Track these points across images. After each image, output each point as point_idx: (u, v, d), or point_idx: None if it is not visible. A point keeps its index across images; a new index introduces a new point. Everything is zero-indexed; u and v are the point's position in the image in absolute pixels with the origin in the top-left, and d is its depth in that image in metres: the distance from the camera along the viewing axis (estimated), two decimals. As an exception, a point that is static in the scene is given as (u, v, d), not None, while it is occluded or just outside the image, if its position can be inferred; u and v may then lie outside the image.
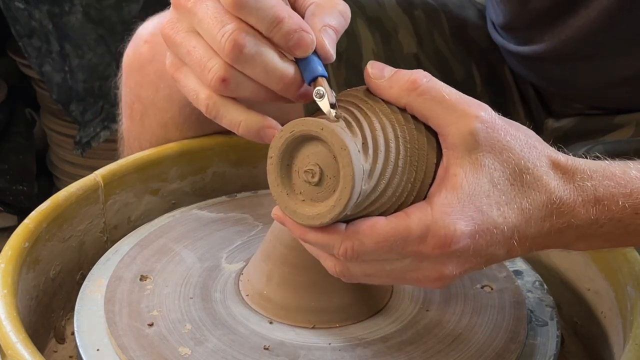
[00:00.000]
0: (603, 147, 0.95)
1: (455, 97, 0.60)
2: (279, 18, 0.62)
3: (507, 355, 0.68)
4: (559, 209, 0.61)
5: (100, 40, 1.86)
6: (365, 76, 0.63)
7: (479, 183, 0.59)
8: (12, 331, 0.63)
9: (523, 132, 0.62)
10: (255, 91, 0.66)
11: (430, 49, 1.02)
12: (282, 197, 0.61)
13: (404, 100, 0.61)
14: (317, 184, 0.60)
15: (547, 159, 0.61)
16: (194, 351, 0.66)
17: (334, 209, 0.59)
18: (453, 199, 0.59)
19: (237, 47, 0.63)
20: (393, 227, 0.59)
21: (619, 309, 0.73)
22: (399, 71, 0.62)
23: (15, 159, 2.07)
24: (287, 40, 0.63)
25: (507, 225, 0.60)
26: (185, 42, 0.66)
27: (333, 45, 0.65)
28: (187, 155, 0.90)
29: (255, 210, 0.86)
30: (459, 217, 0.58)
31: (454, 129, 0.60)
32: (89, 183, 0.82)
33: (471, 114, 0.60)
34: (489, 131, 0.59)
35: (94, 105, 1.89)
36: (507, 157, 0.60)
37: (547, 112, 1.04)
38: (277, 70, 0.64)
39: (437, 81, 0.61)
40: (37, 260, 0.75)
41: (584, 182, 0.61)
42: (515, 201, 0.60)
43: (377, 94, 0.62)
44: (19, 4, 1.79)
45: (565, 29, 0.91)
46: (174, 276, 0.75)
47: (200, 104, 0.67)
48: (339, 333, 0.69)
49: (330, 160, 0.59)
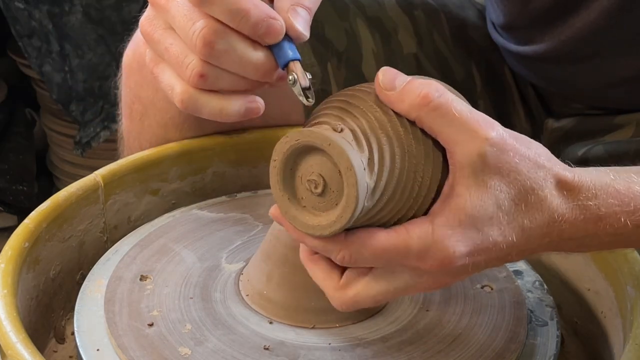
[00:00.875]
0: (603, 147, 0.95)
1: (467, 116, 0.59)
2: (244, 10, 0.63)
3: (507, 355, 0.68)
4: (560, 227, 0.60)
5: (100, 40, 1.86)
6: (376, 84, 0.61)
7: (483, 206, 0.58)
8: (12, 331, 0.63)
9: (533, 150, 0.61)
10: (235, 82, 0.67)
11: (430, 49, 1.02)
12: (283, 201, 0.61)
13: (414, 114, 0.60)
14: (320, 195, 0.60)
15: (553, 178, 0.60)
16: (194, 351, 0.66)
17: (334, 224, 0.59)
18: (455, 220, 0.58)
19: (208, 45, 0.64)
20: (392, 243, 0.59)
21: (619, 309, 0.73)
22: (411, 83, 0.60)
23: (15, 159, 2.07)
24: (256, 31, 0.63)
25: (507, 243, 0.60)
26: (163, 39, 0.67)
27: (305, 24, 0.65)
28: (187, 155, 0.90)
29: (255, 210, 0.85)
30: (460, 239, 0.58)
31: (463, 149, 0.59)
32: (89, 183, 0.82)
33: (481, 135, 0.58)
34: (497, 154, 0.58)
35: (94, 105, 1.89)
36: (514, 178, 0.59)
37: (547, 112, 1.04)
38: (251, 60, 0.64)
39: (448, 96, 0.59)
40: (37, 260, 0.75)
41: (587, 201, 0.61)
42: (517, 220, 0.59)
43: (387, 104, 0.61)
44: (19, 4, 1.79)
45: (565, 29, 0.91)
46: (174, 276, 0.75)
47: (176, 99, 0.68)
48: (339, 333, 0.69)
49: (335, 175, 0.59)
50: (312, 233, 0.60)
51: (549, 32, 0.93)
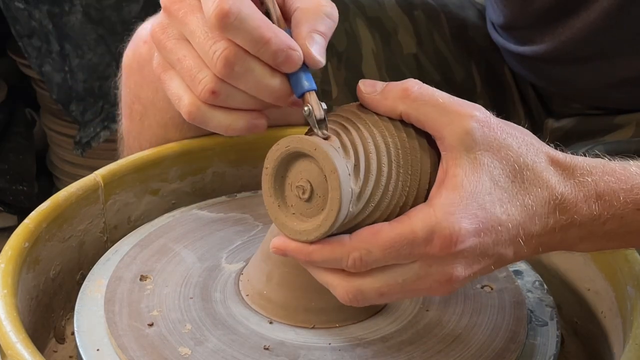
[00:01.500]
0: (604, 148, 0.95)
1: (449, 100, 0.61)
2: (264, 39, 0.64)
3: (507, 355, 0.68)
4: (561, 205, 0.61)
5: (100, 40, 1.86)
6: (359, 93, 0.63)
7: (480, 181, 0.59)
8: (12, 331, 0.63)
9: (519, 130, 0.62)
10: (246, 102, 0.68)
11: (430, 49, 1.02)
12: (273, 208, 0.63)
13: (399, 108, 0.61)
14: (307, 200, 0.61)
15: (545, 155, 0.61)
16: (194, 351, 0.66)
17: (319, 229, 0.60)
18: (455, 198, 0.59)
19: (229, 65, 0.65)
20: (398, 233, 0.59)
21: (619, 309, 0.73)
22: (390, 83, 0.63)
23: (15, 159, 2.07)
24: (275, 59, 0.65)
25: (512, 222, 0.60)
26: (176, 49, 0.68)
27: (321, 51, 0.66)
28: (187, 155, 0.90)
29: (255, 210, 0.85)
30: (463, 215, 0.58)
31: (450, 130, 0.60)
32: (89, 183, 0.82)
33: (466, 114, 0.60)
34: (485, 130, 0.60)
35: (94, 105, 1.89)
36: (506, 154, 0.60)
37: (547, 112, 1.04)
38: (268, 85, 0.66)
39: (428, 87, 0.61)
40: (37, 260, 0.75)
41: (584, 177, 0.61)
42: (517, 198, 0.60)
43: (372, 108, 0.63)
44: (19, 4, 1.79)
45: (565, 29, 0.91)
46: (174, 276, 0.75)
47: (183, 109, 0.69)
48: (339, 333, 0.69)
49: (322, 180, 0.60)
50: (299, 238, 0.61)
51: (549, 33, 0.93)
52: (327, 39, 0.67)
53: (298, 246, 0.61)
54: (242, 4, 0.63)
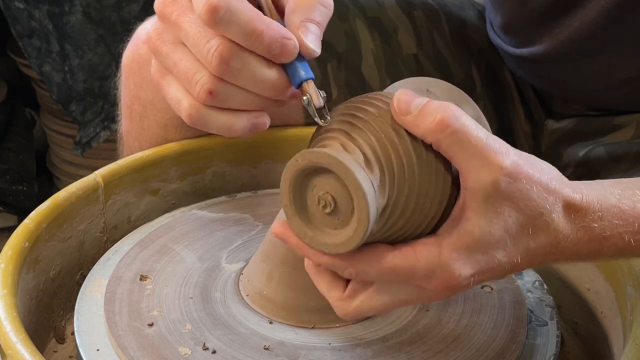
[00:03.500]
0: (604, 149, 0.95)
1: (482, 143, 0.58)
2: (257, 31, 0.63)
3: (507, 355, 0.68)
4: (563, 246, 0.61)
5: (100, 40, 1.86)
6: (392, 109, 0.60)
7: (492, 231, 0.59)
8: (12, 331, 0.63)
9: (545, 174, 0.60)
10: (246, 101, 0.67)
11: (430, 49, 1.02)
12: (295, 220, 0.60)
13: (430, 139, 0.59)
14: (331, 214, 0.59)
15: (562, 202, 0.60)
16: (194, 351, 0.66)
17: (347, 244, 0.58)
18: (463, 244, 0.59)
19: (224, 62, 0.64)
20: (398, 264, 0.59)
21: (619, 309, 0.73)
22: (427, 105, 0.59)
23: (15, 159, 2.07)
24: (270, 51, 0.64)
25: (510, 263, 0.60)
26: (172, 53, 0.68)
27: (316, 40, 0.65)
28: (187, 155, 0.90)
29: (255, 210, 0.86)
30: (466, 261, 0.59)
31: (477, 176, 0.58)
32: (89, 183, 0.82)
33: (496, 164, 0.58)
34: (511, 182, 0.58)
35: (94, 105, 1.89)
36: (525, 205, 0.59)
37: (547, 113, 1.04)
38: (265, 78, 0.65)
39: (465, 121, 0.59)
40: (37, 260, 0.75)
41: (593, 222, 0.61)
42: (522, 242, 0.60)
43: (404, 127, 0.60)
44: (19, 4, 1.79)
45: (563, 29, 0.91)
46: (174, 276, 0.75)
47: (183, 113, 0.68)
48: (339, 333, 0.69)
49: (345, 195, 0.58)
50: (325, 251, 0.60)
51: (546, 33, 0.93)
52: (323, 27, 0.66)
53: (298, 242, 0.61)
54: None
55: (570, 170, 0.97)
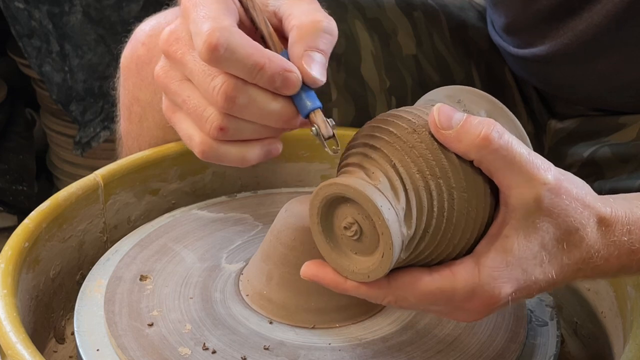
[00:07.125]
0: (609, 149, 0.94)
1: (525, 159, 0.58)
2: (259, 65, 0.63)
3: (507, 355, 0.68)
4: (594, 262, 0.61)
5: (100, 40, 1.87)
6: (431, 123, 0.59)
7: (530, 247, 0.59)
8: (12, 331, 0.63)
9: (581, 190, 0.60)
10: (256, 131, 0.67)
11: (430, 50, 1.02)
12: (324, 247, 0.61)
13: (472, 155, 0.58)
14: (357, 240, 0.59)
15: (595, 217, 0.61)
16: (194, 351, 0.66)
17: (376, 271, 0.58)
18: (502, 262, 0.58)
19: (230, 99, 0.64)
20: (438, 287, 0.59)
21: (619, 309, 0.73)
22: (468, 121, 0.58)
23: (15, 159, 2.07)
24: (273, 84, 0.63)
25: (546, 280, 0.60)
26: (180, 90, 0.68)
27: (320, 69, 0.65)
28: (187, 155, 0.89)
29: (255, 210, 0.86)
30: (506, 280, 0.58)
31: (518, 192, 0.58)
32: (89, 183, 0.82)
33: (539, 180, 0.58)
34: (552, 197, 0.58)
35: (93, 105, 1.89)
36: (563, 220, 0.59)
37: (549, 113, 1.04)
38: (273, 111, 0.65)
39: (508, 138, 0.58)
40: (37, 260, 0.75)
41: (622, 236, 0.61)
42: (557, 258, 0.60)
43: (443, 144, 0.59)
44: (19, 4, 1.79)
45: (567, 31, 0.91)
46: (174, 276, 0.75)
47: (195, 149, 0.69)
48: (339, 333, 0.69)
49: (370, 224, 0.58)
50: (354, 278, 0.60)
51: (550, 35, 0.93)
52: (327, 55, 0.65)
53: (334, 279, 0.60)
54: (230, 35, 0.62)
55: (575, 170, 0.97)
